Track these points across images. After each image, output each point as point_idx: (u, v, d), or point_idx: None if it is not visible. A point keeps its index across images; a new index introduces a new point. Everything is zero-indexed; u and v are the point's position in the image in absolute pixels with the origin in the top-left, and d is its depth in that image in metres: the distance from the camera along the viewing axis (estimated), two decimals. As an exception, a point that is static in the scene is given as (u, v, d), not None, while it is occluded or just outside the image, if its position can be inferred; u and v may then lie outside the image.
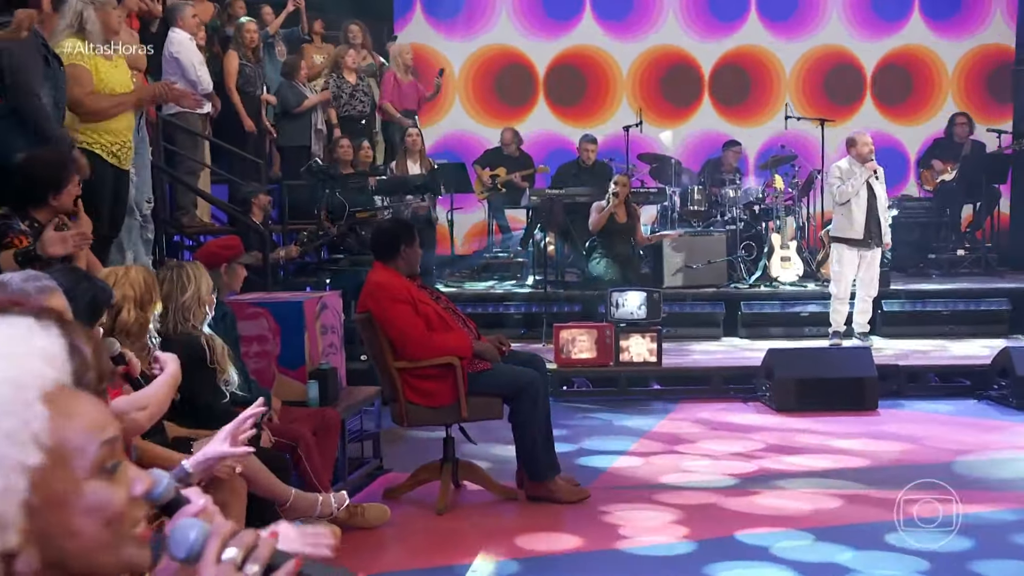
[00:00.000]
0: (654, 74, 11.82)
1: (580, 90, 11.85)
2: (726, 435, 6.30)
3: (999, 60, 11.67)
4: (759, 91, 11.84)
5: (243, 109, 8.50)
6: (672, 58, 11.81)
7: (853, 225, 7.87)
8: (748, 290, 9.10)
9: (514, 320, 8.75)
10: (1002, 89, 11.56)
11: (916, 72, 11.84)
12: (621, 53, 11.78)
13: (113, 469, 1.14)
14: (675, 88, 11.80)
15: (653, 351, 7.35)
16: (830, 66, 11.80)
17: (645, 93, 11.75)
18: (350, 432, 5.21)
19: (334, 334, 5.41)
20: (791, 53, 11.77)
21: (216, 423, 3.82)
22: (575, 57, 11.82)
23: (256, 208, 7.48)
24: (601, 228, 8.57)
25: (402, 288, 4.84)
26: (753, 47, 11.81)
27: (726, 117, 11.82)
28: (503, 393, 4.88)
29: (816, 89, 11.81)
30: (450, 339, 4.86)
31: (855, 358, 7.10)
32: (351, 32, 9.86)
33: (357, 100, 9.57)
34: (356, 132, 9.11)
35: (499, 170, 10.58)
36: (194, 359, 3.83)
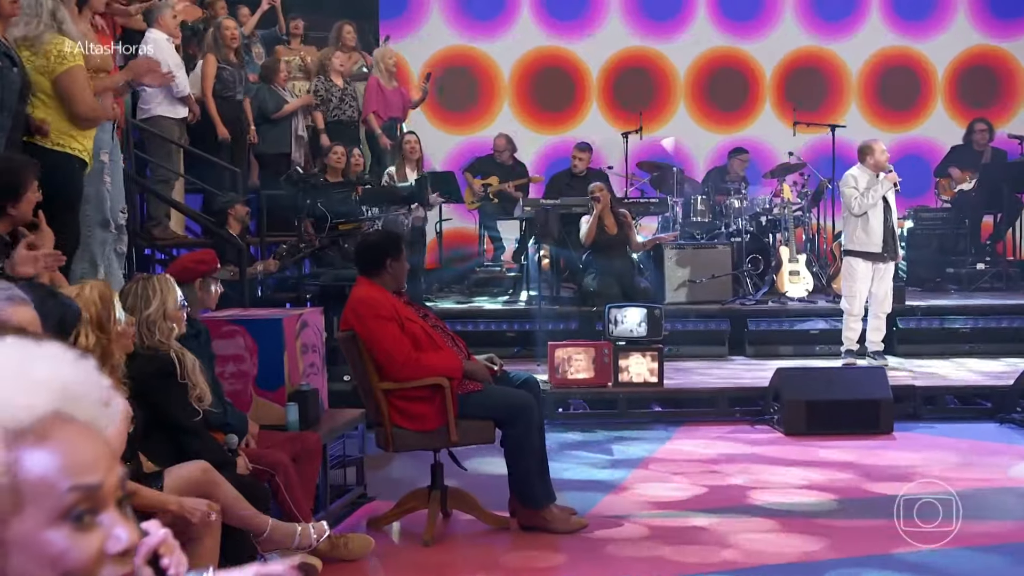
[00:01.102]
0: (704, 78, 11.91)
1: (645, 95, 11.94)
2: (731, 461, 6.31)
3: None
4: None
5: (218, 115, 8.52)
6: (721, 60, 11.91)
7: (871, 237, 7.90)
8: (755, 306, 9.13)
9: (507, 338, 8.76)
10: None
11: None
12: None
13: (79, 518, 1.09)
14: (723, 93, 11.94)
15: (654, 371, 7.37)
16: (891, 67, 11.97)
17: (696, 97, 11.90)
18: (332, 458, 5.21)
19: (315, 353, 5.42)
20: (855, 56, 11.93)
21: (190, 443, 3.85)
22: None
23: (232, 219, 7.48)
24: (593, 240, 8.61)
25: (388, 304, 4.86)
26: (818, 48, 11.90)
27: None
28: (495, 416, 4.89)
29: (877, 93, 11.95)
30: (439, 359, 4.87)
31: (869, 379, 7.13)
32: (345, 33, 9.88)
33: (346, 104, 9.60)
34: (347, 139, 9.12)
35: (491, 179, 10.62)
36: (163, 374, 3.84)
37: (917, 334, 8.80)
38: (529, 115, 11.98)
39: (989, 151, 10.76)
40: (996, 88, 12.10)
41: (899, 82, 12.06)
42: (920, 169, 11.37)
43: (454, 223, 10.91)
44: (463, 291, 10.21)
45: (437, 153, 11.46)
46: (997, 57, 12.08)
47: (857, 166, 8.07)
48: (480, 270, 10.46)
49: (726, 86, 12.02)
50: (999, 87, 12.12)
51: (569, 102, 12.03)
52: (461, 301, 9.77)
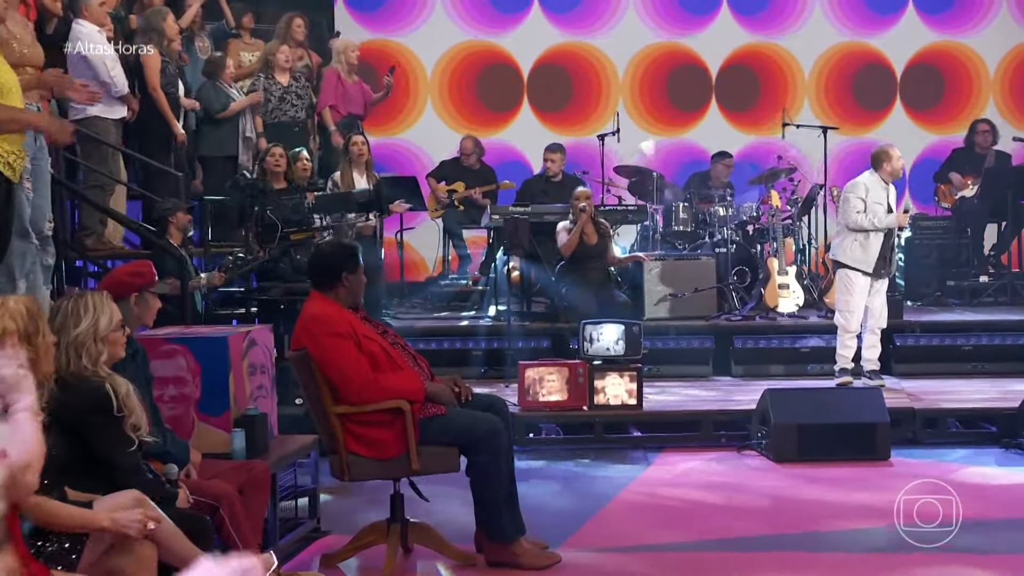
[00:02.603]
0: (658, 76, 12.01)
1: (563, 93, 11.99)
2: (716, 490, 6.34)
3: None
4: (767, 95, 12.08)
5: (171, 114, 8.49)
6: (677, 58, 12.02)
7: (867, 255, 7.95)
8: (741, 322, 9.18)
9: (473, 357, 8.77)
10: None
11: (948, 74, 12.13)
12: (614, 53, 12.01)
13: None
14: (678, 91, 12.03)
15: (633, 392, 7.39)
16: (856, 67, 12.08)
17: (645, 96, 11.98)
18: (282, 488, 5.19)
19: (264, 375, 5.40)
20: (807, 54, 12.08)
21: (123, 479, 3.82)
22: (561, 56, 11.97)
23: (173, 228, 7.46)
24: (573, 251, 8.64)
25: (343, 321, 4.86)
26: (762, 45, 12.04)
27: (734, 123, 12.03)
28: (460, 442, 4.90)
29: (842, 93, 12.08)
30: (399, 380, 4.88)
31: (864, 401, 7.18)
32: (295, 26, 9.87)
33: (288, 104, 9.58)
34: (289, 141, 9.12)
35: (456, 184, 10.64)
36: (95, 409, 3.80)
37: (916, 352, 8.88)
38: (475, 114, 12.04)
39: (992, 154, 10.82)
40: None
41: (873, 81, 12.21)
42: (919, 173, 11.50)
43: (416, 232, 10.92)
44: (425, 306, 10.21)
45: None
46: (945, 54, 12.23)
47: (868, 172, 8.07)
48: (444, 283, 10.46)
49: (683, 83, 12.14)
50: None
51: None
52: (423, 317, 9.77)
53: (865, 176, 8.08)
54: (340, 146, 9.51)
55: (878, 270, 7.99)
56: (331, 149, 9.83)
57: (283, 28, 9.85)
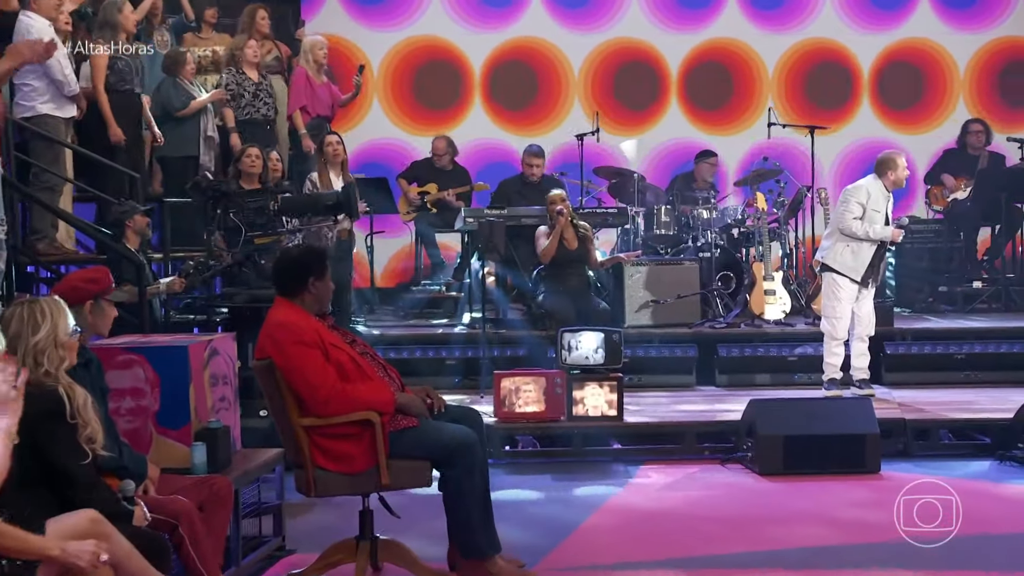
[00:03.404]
0: (611, 72, 12.01)
1: (528, 91, 11.98)
2: (700, 505, 6.35)
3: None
4: (740, 93, 12.08)
5: (111, 114, 8.45)
6: (634, 53, 12.00)
7: (857, 262, 8.01)
8: (726, 330, 9.22)
9: (447, 367, 8.77)
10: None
11: (927, 71, 12.17)
12: (574, 47, 11.96)
13: None
14: (635, 89, 11.99)
15: (613, 403, 7.41)
16: (818, 63, 12.09)
17: (600, 94, 11.94)
18: (245, 505, 5.17)
19: (226, 386, 5.39)
20: (774, 48, 12.05)
21: (77, 492, 3.80)
22: (521, 51, 11.97)
23: (131, 232, 7.43)
24: (552, 257, 8.65)
25: (310, 329, 4.85)
26: (731, 41, 12.05)
27: (700, 123, 12.04)
28: (432, 456, 4.89)
29: (801, 90, 12.08)
30: (368, 391, 4.87)
31: (853, 411, 7.21)
32: (259, 19, 9.85)
33: (261, 101, 9.56)
34: (261, 139, 9.10)
35: (429, 186, 10.63)
36: (48, 414, 3.78)
37: (907, 361, 8.92)
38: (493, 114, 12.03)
39: (986, 155, 10.90)
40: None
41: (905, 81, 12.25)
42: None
43: (387, 237, 10.91)
44: (396, 314, 10.19)
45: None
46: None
47: (872, 177, 8.10)
48: (416, 289, 10.45)
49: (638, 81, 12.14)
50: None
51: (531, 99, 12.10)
52: (394, 325, 9.75)
53: (868, 181, 8.11)
54: (311, 151, 9.49)
55: (866, 279, 8.04)
56: (301, 152, 9.79)
57: (247, 21, 9.82)
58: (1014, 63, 12.12)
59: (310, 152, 9.50)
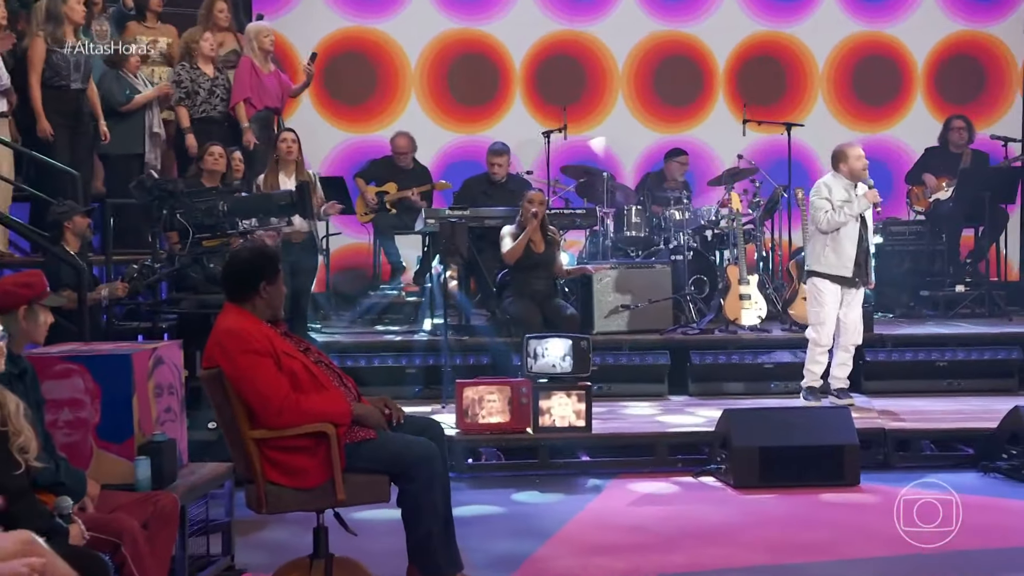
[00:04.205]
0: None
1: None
2: (672, 520, 6.36)
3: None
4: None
5: (41, 109, 8.38)
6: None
7: (841, 259, 8.05)
8: (699, 336, 9.26)
9: (406, 376, 8.77)
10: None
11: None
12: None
13: None
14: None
15: (581, 413, 7.41)
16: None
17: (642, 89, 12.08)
18: (192, 522, 5.14)
19: (172, 396, 5.35)
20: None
21: (8, 505, 3.75)
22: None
23: (70, 234, 7.38)
24: (517, 260, 8.65)
25: (261, 336, 4.83)
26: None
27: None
28: (390, 470, 4.88)
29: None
30: (323, 401, 4.85)
31: (831, 421, 7.24)
32: (217, 11, 9.78)
33: (217, 97, 9.50)
34: (220, 138, 9.04)
35: (388, 186, 10.61)
36: None
37: (887, 368, 9.00)
38: (435, 110, 12.00)
39: (968, 153, 10.99)
40: (982, 81, 12.40)
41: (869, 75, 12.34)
42: (889, 175, 11.66)
43: (343, 239, 10.87)
44: (353, 320, 10.16)
45: (319, 154, 11.45)
46: (979, 44, 12.42)
47: (831, 174, 8.19)
48: (374, 294, 10.43)
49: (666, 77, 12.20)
50: (985, 80, 12.41)
51: (484, 96, 12.09)
52: (351, 332, 9.72)
53: (827, 177, 8.22)
54: (250, 145, 9.41)
55: (857, 274, 8.07)
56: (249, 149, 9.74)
57: (204, 13, 9.76)
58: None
59: (250, 146, 9.42)
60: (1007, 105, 12.29)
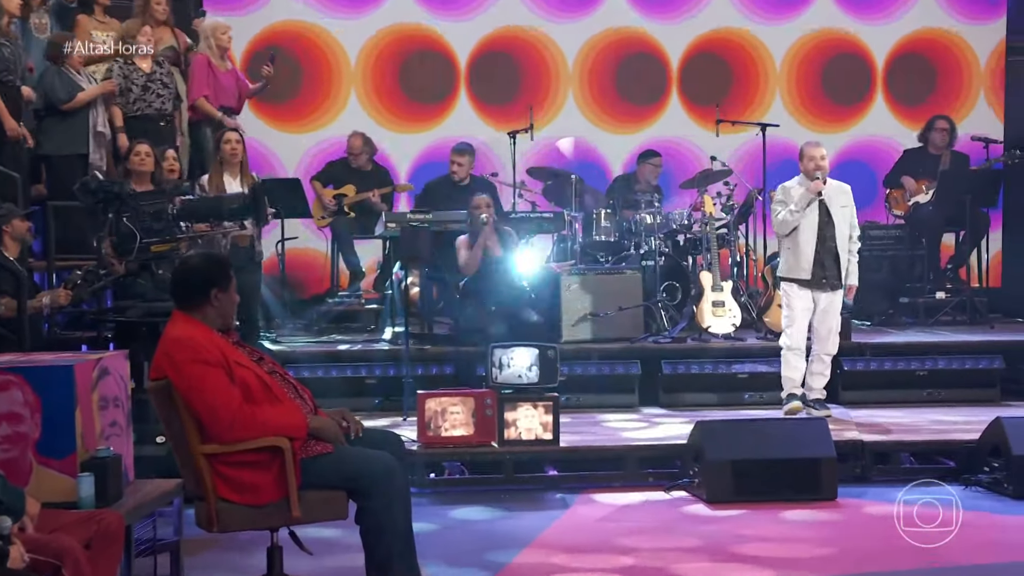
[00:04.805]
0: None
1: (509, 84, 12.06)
2: (642, 536, 6.37)
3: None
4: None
5: (4, 107, 8.32)
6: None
7: (799, 261, 8.12)
8: (671, 345, 9.28)
9: (366, 387, 8.76)
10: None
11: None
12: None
13: None
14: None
15: (548, 426, 7.42)
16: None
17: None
18: (138, 542, 5.11)
19: (118, 409, 5.32)
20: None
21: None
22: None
23: (8, 238, 7.34)
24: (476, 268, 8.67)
25: (212, 346, 4.81)
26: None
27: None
28: (348, 485, 4.87)
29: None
30: (277, 414, 4.84)
31: (807, 433, 7.27)
32: (154, 3, 9.73)
33: (153, 94, 9.46)
34: (156, 137, 9.01)
35: (346, 188, 10.60)
36: None
37: (865, 378, 9.05)
38: (390, 110, 11.99)
39: (949, 155, 11.07)
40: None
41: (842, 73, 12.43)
42: (867, 177, 11.74)
43: (299, 243, 10.84)
44: (310, 328, 10.14)
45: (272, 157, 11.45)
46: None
47: (797, 175, 8.27)
48: (332, 302, 10.40)
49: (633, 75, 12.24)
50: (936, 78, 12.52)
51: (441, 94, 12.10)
52: (307, 341, 9.69)
53: (792, 179, 8.29)
54: (270, 72, 9.42)
55: (817, 278, 8.10)
56: (203, 147, 9.71)
57: (140, 5, 9.71)
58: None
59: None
60: (969, 104, 12.41)
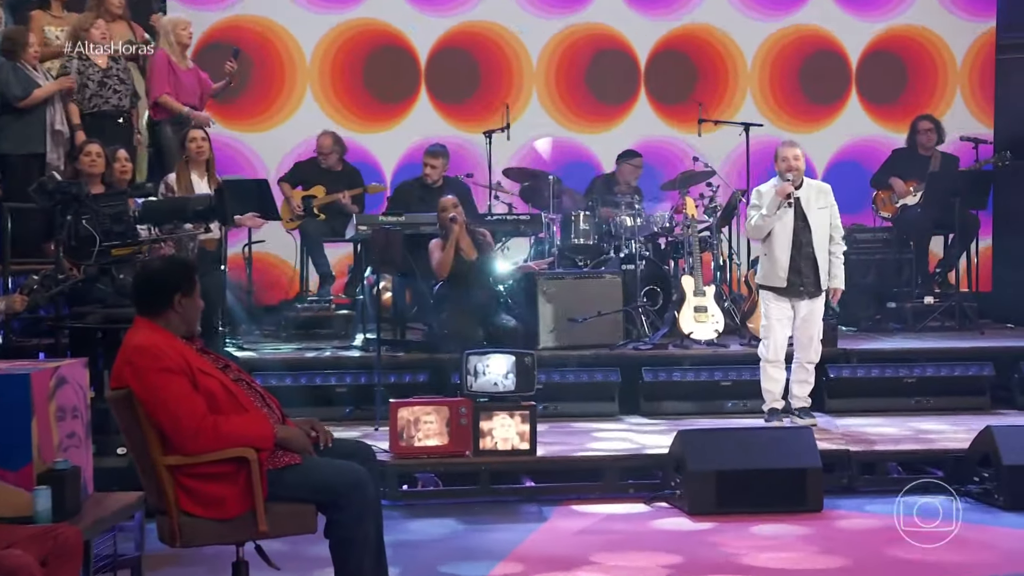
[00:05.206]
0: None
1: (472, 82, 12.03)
2: (622, 549, 6.37)
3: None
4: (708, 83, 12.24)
5: None
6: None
7: (774, 267, 8.14)
8: (652, 352, 9.29)
9: (336, 395, 8.74)
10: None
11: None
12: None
13: None
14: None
15: (525, 435, 7.41)
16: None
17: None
18: (98, 558, 5.09)
19: (76, 420, 5.29)
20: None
21: None
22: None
23: (-37, 242, 7.28)
24: (449, 271, 8.65)
25: (175, 354, 4.78)
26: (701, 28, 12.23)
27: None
28: (317, 498, 4.85)
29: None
30: (243, 424, 4.82)
31: (792, 443, 7.28)
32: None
33: (110, 90, 9.42)
34: (112, 135, 8.96)
35: (315, 189, 10.58)
36: None
37: (852, 386, 9.07)
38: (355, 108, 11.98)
39: (938, 156, 11.11)
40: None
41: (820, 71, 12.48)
42: (854, 179, 11.77)
43: (267, 247, 10.80)
44: (278, 335, 10.10)
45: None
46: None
47: (775, 177, 8.30)
48: (302, 307, 10.37)
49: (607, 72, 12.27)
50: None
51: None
52: (275, 348, 9.67)
53: (769, 182, 8.32)
54: (138, 143, 9.35)
55: (793, 286, 8.11)
56: (163, 146, 9.67)
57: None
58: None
59: (138, 144, 9.36)
60: (946, 102, 12.48)
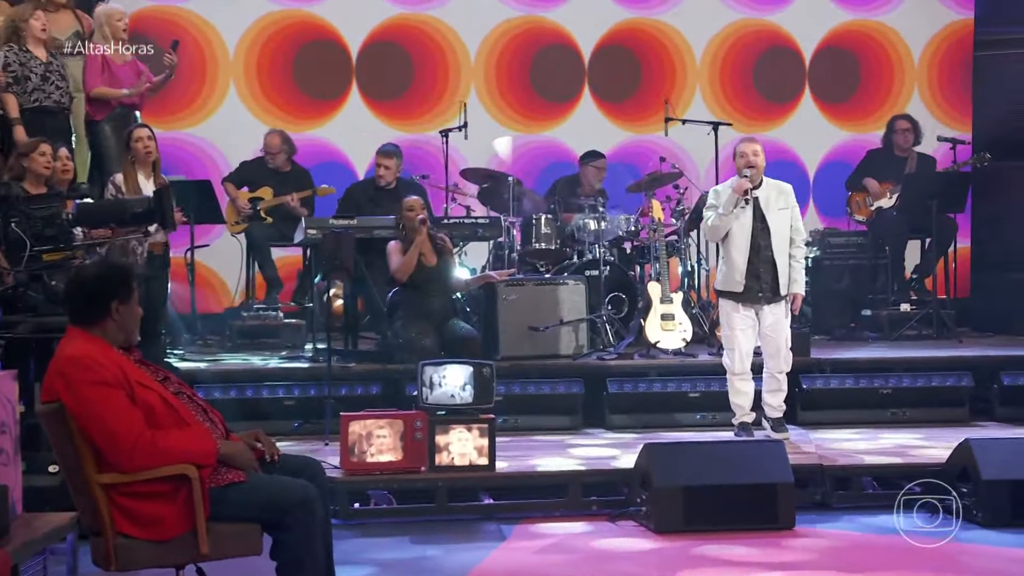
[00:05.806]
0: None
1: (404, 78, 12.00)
2: (586, 568, 6.36)
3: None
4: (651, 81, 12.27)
5: None
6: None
7: (731, 271, 8.13)
8: (617, 362, 9.30)
9: (284, 408, 8.71)
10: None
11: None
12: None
13: None
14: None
15: (483, 450, 7.40)
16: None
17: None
18: (28, 582, 5.04)
19: (5, 435, 5.24)
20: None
21: None
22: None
23: None
24: (408, 276, 8.64)
25: (111, 365, 4.76)
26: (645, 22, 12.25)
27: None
28: (263, 517, 4.84)
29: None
30: (184, 439, 4.80)
31: (763, 457, 7.30)
32: None
33: (52, 84, 9.36)
34: (53, 132, 8.90)
35: (262, 191, 10.54)
36: None
37: (825, 397, 9.12)
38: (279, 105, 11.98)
39: (915, 157, 11.21)
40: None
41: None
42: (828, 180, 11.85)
43: (211, 251, 10.76)
44: (222, 344, 10.06)
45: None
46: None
47: (734, 176, 8.29)
48: (247, 315, 10.34)
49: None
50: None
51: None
52: (219, 359, 9.63)
53: (727, 181, 8.32)
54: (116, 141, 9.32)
55: (751, 291, 8.10)
56: (101, 146, 9.61)
57: None
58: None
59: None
60: (903, 100, 12.64)
